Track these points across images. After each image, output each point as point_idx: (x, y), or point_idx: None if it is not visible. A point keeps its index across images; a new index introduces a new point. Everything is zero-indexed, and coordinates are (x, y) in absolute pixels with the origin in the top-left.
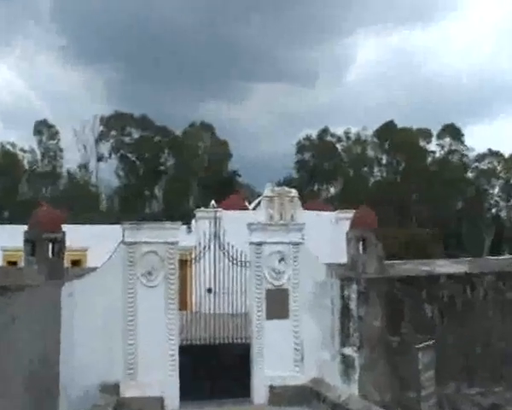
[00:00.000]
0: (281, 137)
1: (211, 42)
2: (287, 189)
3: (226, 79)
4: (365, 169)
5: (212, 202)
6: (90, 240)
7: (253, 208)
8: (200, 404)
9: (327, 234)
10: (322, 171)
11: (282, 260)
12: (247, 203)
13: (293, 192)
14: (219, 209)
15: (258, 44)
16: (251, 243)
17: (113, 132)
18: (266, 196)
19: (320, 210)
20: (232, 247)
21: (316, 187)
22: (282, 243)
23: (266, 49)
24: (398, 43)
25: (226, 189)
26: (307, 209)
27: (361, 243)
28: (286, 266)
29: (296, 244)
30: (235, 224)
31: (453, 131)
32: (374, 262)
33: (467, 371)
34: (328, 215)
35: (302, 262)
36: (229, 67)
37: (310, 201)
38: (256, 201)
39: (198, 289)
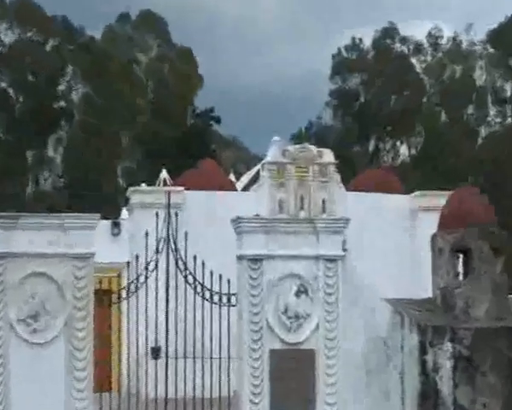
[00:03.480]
0: (301, 45)
1: None
2: (312, 148)
3: None
4: (470, 111)
5: (163, 173)
6: None
7: (245, 188)
8: None
9: (393, 239)
10: (384, 112)
11: (302, 291)
12: (232, 177)
13: (326, 155)
14: (177, 189)
15: None
16: (240, 258)
17: None
18: (271, 164)
19: (380, 191)
20: (203, 265)
21: (371, 144)
22: (302, 257)
23: None
24: None
25: (191, 149)
26: (354, 190)
27: (461, 257)
28: (311, 305)
29: (331, 261)
30: (208, 218)
31: None
32: (487, 296)
33: None
34: (395, 202)
35: (343, 297)
36: None
37: (359, 173)
38: (251, 172)
39: (134, 350)
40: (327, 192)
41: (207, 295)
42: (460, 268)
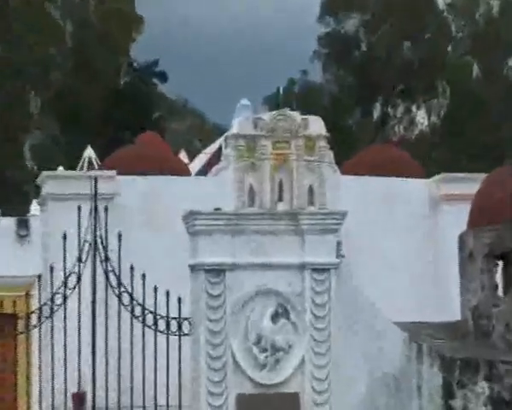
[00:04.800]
0: None
1: None
2: (295, 116)
3: None
4: None
5: (88, 151)
6: None
7: (202, 171)
8: None
9: (407, 240)
10: (394, 65)
11: (281, 313)
12: (183, 156)
13: (314, 125)
14: (107, 173)
15: None
16: (194, 269)
17: None
18: (238, 138)
19: (388, 174)
20: (143, 278)
21: (376, 110)
22: (281, 266)
23: None
24: None
25: (126, 117)
26: (353, 173)
27: (500, 265)
28: (293, 333)
29: (322, 271)
30: (150, 213)
31: None
32: None
33: None
34: (410, 189)
35: (338, 320)
36: None
37: (361, 150)
38: (210, 150)
39: (49, 398)
40: (315, 176)
41: (150, 320)
42: (499, 279)
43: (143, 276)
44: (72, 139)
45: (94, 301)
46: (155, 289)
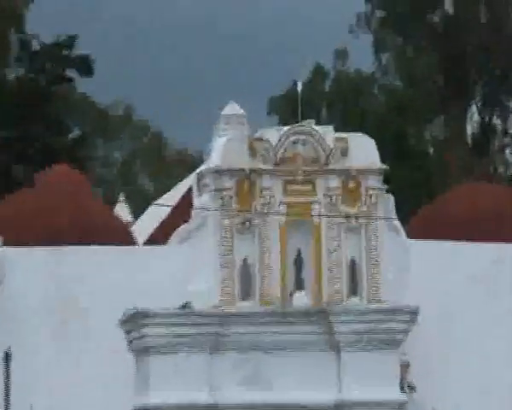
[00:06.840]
0: None
1: None
2: (324, 132)
3: None
4: None
5: None
6: None
7: (156, 234)
8: None
9: None
10: (500, 38)
11: None
12: (122, 209)
13: (357, 149)
14: None
15: None
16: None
17: None
18: (220, 176)
19: (493, 238)
20: None
21: (471, 116)
22: (301, 407)
23: None
24: None
25: (17, 140)
26: (428, 235)
27: None
28: None
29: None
30: (61, 311)
31: None
32: None
33: None
34: None
35: None
36: None
37: (444, 190)
38: (170, 196)
39: None
40: (361, 243)
41: None
42: None
43: None
44: None
45: None
46: None
